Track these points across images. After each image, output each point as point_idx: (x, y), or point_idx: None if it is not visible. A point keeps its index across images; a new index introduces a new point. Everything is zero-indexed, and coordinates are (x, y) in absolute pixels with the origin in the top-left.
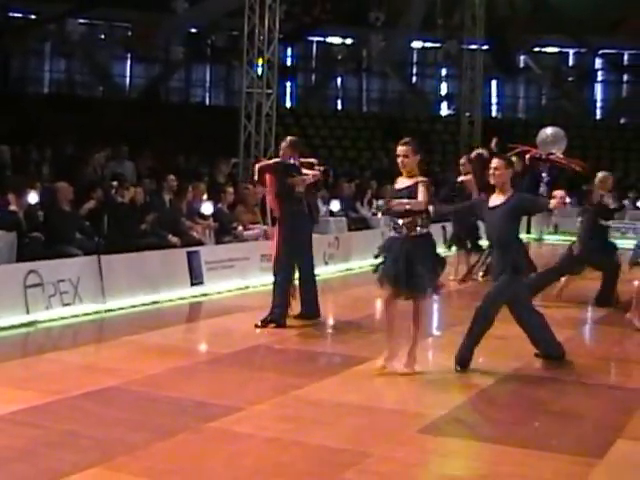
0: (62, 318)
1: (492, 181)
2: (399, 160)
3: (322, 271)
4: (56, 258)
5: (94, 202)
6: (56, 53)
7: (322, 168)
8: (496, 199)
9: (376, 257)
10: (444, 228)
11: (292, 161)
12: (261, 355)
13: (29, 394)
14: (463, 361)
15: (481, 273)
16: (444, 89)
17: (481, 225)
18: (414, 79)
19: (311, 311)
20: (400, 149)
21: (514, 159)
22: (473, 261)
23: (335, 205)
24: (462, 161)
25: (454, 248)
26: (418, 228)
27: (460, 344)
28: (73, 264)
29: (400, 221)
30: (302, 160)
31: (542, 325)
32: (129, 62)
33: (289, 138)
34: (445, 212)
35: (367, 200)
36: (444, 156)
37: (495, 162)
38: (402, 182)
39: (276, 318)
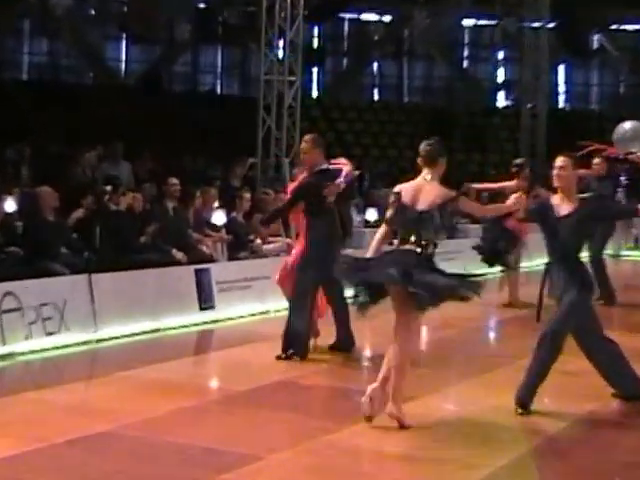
0: (45, 350)
1: (556, 183)
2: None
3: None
4: (38, 277)
5: (83, 210)
6: (37, 32)
7: (356, 172)
8: (563, 206)
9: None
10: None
11: (325, 166)
12: (284, 393)
13: (5, 441)
14: (525, 402)
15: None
16: (501, 75)
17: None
18: (465, 64)
19: (344, 341)
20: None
21: (597, 160)
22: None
23: (371, 214)
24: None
25: (491, 266)
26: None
27: (521, 381)
28: (58, 285)
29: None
30: (332, 161)
31: (619, 359)
32: (124, 43)
33: (310, 136)
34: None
35: None
36: (501, 156)
37: (561, 160)
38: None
39: (298, 349)
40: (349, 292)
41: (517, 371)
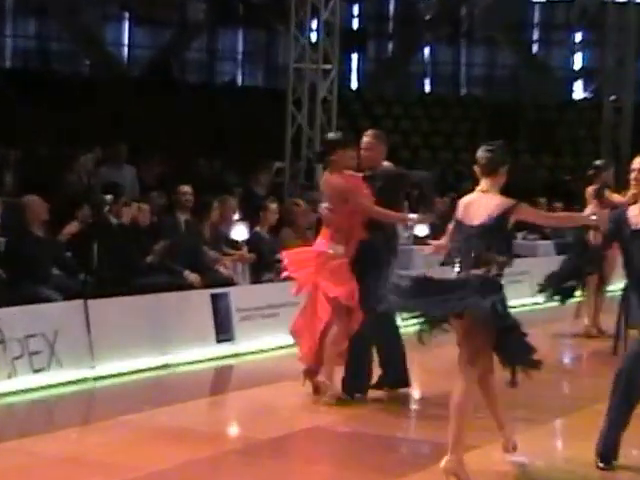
0: (32, 390)
1: (634, 189)
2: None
3: (405, 321)
4: (24, 304)
5: (78, 224)
6: (22, 11)
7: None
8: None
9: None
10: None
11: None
12: (317, 442)
13: None
14: (607, 454)
15: None
16: (578, 62)
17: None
18: (535, 48)
19: (395, 378)
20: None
21: None
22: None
23: (421, 229)
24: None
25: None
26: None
27: (601, 429)
28: (48, 312)
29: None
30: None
31: None
32: (127, 25)
33: (373, 131)
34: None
35: None
36: (577, 158)
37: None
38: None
39: (351, 389)
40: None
41: (596, 416)
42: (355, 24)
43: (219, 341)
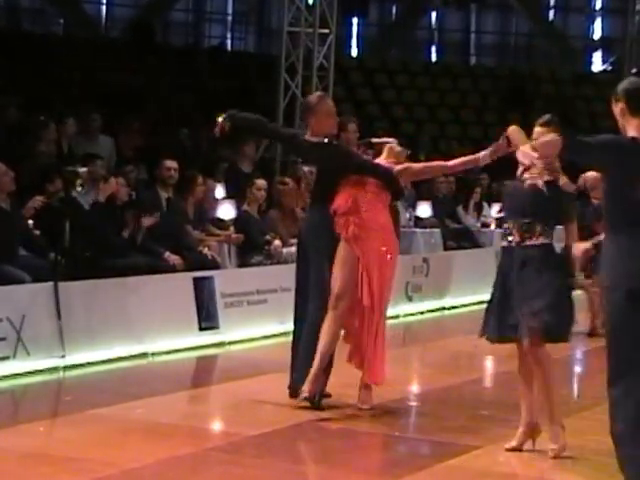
0: None
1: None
2: None
3: (403, 310)
4: None
5: (42, 198)
6: None
7: (405, 151)
8: None
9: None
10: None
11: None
12: (306, 439)
13: None
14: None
15: None
16: (598, 30)
17: None
18: (551, 15)
19: None
20: (539, 132)
21: None
22: None
23: (424, 210)
24: None
25: None
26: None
27: None
28: (14, 295)
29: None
30: (374, 140)
31: None
32: None
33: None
34: None
35: (474, 203)
36: (596, 134)
37: None
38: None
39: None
40: None
41: (602, 415)
42: None
43: (202, 329)
